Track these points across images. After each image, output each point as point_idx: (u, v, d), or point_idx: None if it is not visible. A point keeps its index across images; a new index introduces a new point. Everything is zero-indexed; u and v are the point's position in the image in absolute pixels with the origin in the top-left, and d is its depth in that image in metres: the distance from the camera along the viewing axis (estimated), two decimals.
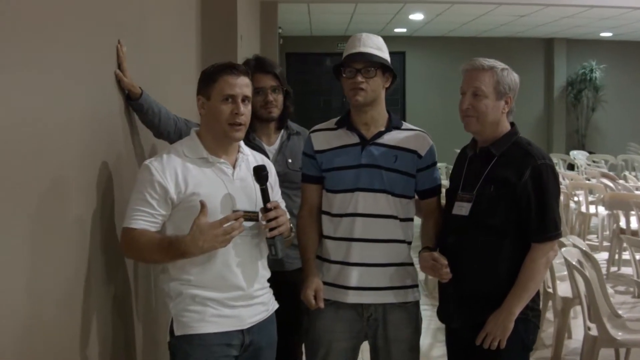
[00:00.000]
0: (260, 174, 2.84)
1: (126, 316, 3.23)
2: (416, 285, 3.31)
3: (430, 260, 3.06)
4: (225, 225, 2.63)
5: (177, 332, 2.79)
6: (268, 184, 2.87)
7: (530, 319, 3.08)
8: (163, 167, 2.76)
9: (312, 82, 18.10)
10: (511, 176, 2.99)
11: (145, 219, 2.73)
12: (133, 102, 3.33)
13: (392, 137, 3.23)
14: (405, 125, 3.33)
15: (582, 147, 18.53)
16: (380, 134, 3.22)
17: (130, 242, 2.73)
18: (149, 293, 3.60)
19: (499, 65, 3.06)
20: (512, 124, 3.15)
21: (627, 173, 12.94)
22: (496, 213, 3.01)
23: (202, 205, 2.65)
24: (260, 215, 2.87)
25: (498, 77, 3.01)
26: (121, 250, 2.84)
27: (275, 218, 2.83)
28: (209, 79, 2.85)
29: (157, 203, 2.73)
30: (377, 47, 3.19)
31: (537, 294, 3.12)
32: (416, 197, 3.33)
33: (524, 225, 3.00)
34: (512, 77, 3.07)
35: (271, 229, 2.82)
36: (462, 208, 3.10)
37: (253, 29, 9.11)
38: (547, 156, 3.05)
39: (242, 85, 2.85)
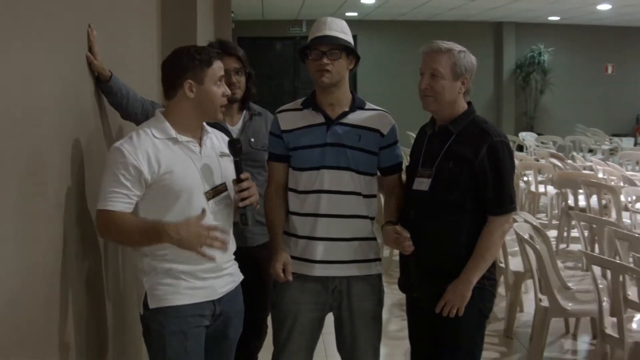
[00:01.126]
0: (235, 146, 3.00)
1: (97, 291, 3.31)
2: (379, 259, 3.44)
3: (393, 233, 3.20)
4: (215, 234, 2.78)
5: (152, 305, 2.90)
6: (229, 158, 3.06)
7: (487, 287, 3.24)
8: (135, 149, 2.82)
9: (264, 66, 18.10)
10: (469, 153, 3.15)
11: (122, 200, 2.79)
12: (103, 84, 3.41)
13: (356, 117, 3.35)
14: (369, 105, 3.45)
15: (531, 128, 18.88)
16: (345, 114, 3.34)
17: (109, 224, 2.80)
18: (118, 269, 3.69)
19: (457, 47, 3.21)
20: (469, 103, 3.31)
21: (574, 153, 13.27)
22: (455, 188, 3.16)
23: (203, 211, 2.82)
24: (230, 185, 3.04)
25: (455, 59, 3.17)
26: (98, 232, 2.93)
27: (248, 188, 2.98)
28: (203, 63, 2.93)
29: (132, 184, 2.80)
30: (341, 30, 3.30)
31: (493, 264, 3.28)
32: (379, 174, 3.46)
33: (481, 199, 3.16)
34: (469, 59, 3.23)
35: (243, 199, 2.97)
36: (422, 183, 3.25)
37: (207, 13, 9.14)
38: (502, 134, 3.22)
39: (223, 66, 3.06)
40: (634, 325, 4.33)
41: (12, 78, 2.31)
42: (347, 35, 3.31)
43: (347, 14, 17.41)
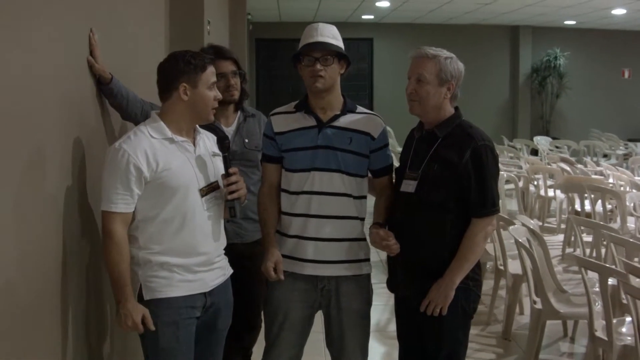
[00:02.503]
0: (223, 143, 3.18)
1: (97, 283, 3.44)
2: (368, 259, 3.52)
3: (377, 237, 3.29)
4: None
5: (146, 297, 3.03)
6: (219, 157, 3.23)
7: (471, 288, 3.32)
8: (134, 148, 2.96)
9: (281, 67, 18.25)
10: (453, 156, 3.23)
11: (125, 201, 2.95)
12: (103, 86, 3.53)
13: (347, 120, 3.43)
14: (360, 109, 3.53)
15: (546, 132, 18.84)
16: (336, 117, 3.42)
17: (112, 240, 2.95)
18: None
19: (444, 54, 3.28)
20: (456, 108, 3.38)
21: (585, 158, 13.25)
22: (439, 190, 3.25)
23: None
24: (221, 181, 3.19)
25: (441, 65, 3.24)
26: (102, 232, 3.03)
27: (236, 182, 3.13)
28: (198, 68, 3.08)
29: (133, 184, 2.94)
30: (332, 36, 3.38)
31: (478, 265, 3.35)
32: (370, 175, 3.55)
33: (465, 201, 3.24)
34: (455, 65, 3.30)
35: (231, 192, 3.13)
36: (409, 185, 3.33)
37: (221, 16, 9.25)
38: (487, 138, 3.29)
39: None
40: (624, 329, 4.37)
41: (18, 81, 2.44)
42: (338, 41, 3.39)
43: (363, 17, 17.48)
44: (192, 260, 3.07)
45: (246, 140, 4.01)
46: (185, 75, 3.07)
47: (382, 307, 5.93)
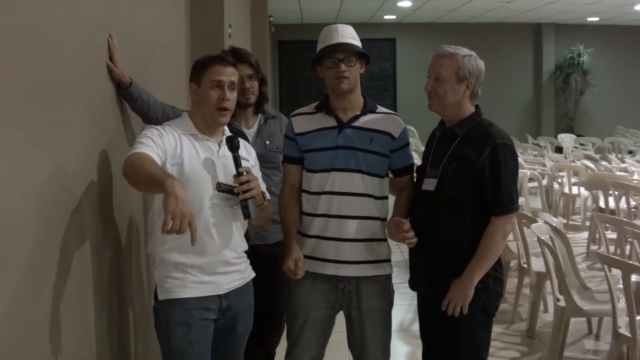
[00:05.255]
0: (232, 142, 3.15)
1: (119, 287, 3.48)
2: (389, 260, 3.53)
3: (392, 225, 3.30)
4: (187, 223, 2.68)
5: (161, 297, 3.08)
6: (248, 163, 3.23)
7: (492, 286, 3.32)
8: (163, 128, 3.11)
9: (305, 69, 18.24)
10: (472, 154, 3.24)
11: (152, 148, 2.96)
12: (123, 90, 3.57)
13: (368, 120, 3.45)
14: (380, 109, 3.54)
15: (570, 130, 18.76)
16: (356, 118, 3.44)
17: (135, 160, 2.87)
18: (141, 268, 3.85)
19: (462, 52, 3.30)
20: (476, 107, 3.39)
21: (610, 155, 13.17)
22: (459, 188, 3.25)
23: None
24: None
25: (459, 63, 3.25)
26: (123, 170, 2.94)
27: (248, 182, 3.08)
28: (200, 68, 3.18)
29: (158, 146, 2.99)
30: (353, 37, 3.41)
31: (499, 263, 3.36)
32: (391, 175, 3.56)
33: (484, 199, 3.24)
34: (474, 63, 3.31)
35: (244, 192, 3.07)
36: (429, 184, 3.34)
37: (243, 18, 9.29)
38: (506, 136, 3.29)
39: (229, 73, 3.17)
40: None
41: (41, 91, 2.49)
42: (358, 41, 3.42)
43: (385, 17, 17.50)
44: (205, 259, 3.08)
45: (267, 142, 4.04)
46: (193, 74, 3.21)
47: (406, 307, 5.95)
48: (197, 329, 3.06)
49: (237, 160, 3.14)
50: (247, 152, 3.36)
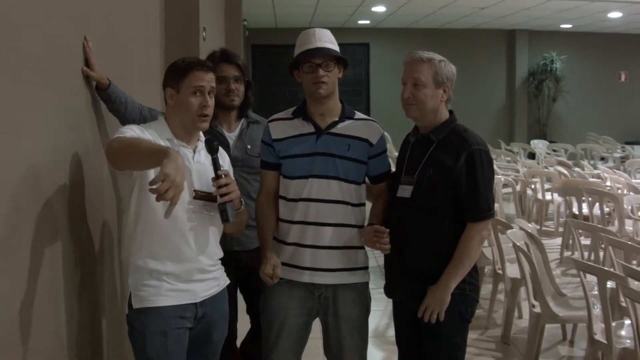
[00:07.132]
0: (211, 144, 3.08)
1: (94, 292, 3.42)
2: (366, 267, 3.50)
3: (371, 232, 3.26)
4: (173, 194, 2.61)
5: (135, 305, 3.02)
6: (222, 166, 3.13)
7: (468, 293, 3.30)
8: (144, 127, 3.04)
9: (278, 73, 18.22)
10: (448, 160, 3.22)
11: (135, 132, 2.93)
12: (101, 92, 3.52)
13: (346, 127, 3.42)
14: (358, 115, 3.51)
15: (543, 136, 18.90)
16: (335, 124, 3.41)
17: (126, 138, 2.84)
18: (114, 274, 3.79)
19: (437, 57, 3.28)
20: (450, 112, 3.38)
21: (583, 161, 13.26)
22: (435, 195, 3.23)
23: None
24: (213, 188, 3.09)
25: (436, 68, 3.24)
26: (107, 154, 2.93)
27: (227, 185, 3.04)
28: (179, 74, 3.09)
29: (144, 137, 2.94)
30: (330, 41, 3.38)
31: (475, 269, 3.35)
32: (368, 182, 3.53)
33: (460, 206, 3.23)
34: (449, 68, 3.30)
35: (222, 195, 3.03)
36: (405, 191, 3.32)
37: (217, 22, 9.25)
38: (482, 142, 3.28)
39: (210, 79, 3.11)
40: (623, 332, 4.36)
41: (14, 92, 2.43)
42: (336, 46, 3.39)
43: (360, 22, 17.51)
44: (181, 267, 3.03)
45: (248, 147, 3.98)
46: (170, 79, 3.12)
47: (380, 313, 5.93)
48: (174, 338, 3.01)
49: (216, 163, 3.08)
50: (222, 158, 3.29)
